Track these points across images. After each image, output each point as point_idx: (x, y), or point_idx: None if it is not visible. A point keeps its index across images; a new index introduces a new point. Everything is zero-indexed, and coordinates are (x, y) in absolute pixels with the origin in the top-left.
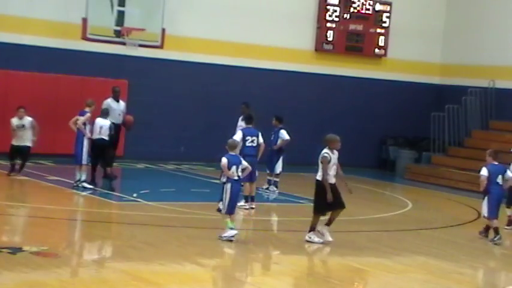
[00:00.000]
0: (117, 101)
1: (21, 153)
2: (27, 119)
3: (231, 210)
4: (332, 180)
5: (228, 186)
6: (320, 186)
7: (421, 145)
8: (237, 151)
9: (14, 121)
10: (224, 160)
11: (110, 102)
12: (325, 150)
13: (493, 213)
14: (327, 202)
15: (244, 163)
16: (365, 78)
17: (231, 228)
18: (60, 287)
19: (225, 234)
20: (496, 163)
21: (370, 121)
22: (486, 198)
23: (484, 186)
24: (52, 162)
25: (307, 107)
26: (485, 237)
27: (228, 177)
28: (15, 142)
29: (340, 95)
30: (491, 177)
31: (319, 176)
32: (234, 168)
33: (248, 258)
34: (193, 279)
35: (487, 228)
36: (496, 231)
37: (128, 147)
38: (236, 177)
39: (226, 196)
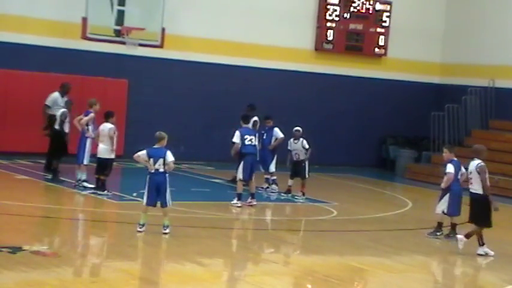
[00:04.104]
0: (62, 97)
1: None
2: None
3: (148, 201)
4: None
5: (147, 178)
6: (486, 199)
7: (421, 144)
8: (163, 144)
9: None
10: (140, 153)
11: (58, 96)
12: (481, 162)
13: (456, 210)
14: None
15: (168, 159)
16: (365, 77)
17: (140, 225)
18: (60, 286)
19: (166, 231)
20: (455, 158)
21: (370, 120)
22: (448, 195)
23: (449, 184)
24: None
25: (307, 107)
26: (454, 237)
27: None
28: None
29: (340, 95)
30: (454, 174)
31: (481, 190)
32: (151, 161)
33: (248, 257)
34: (192, 279)
35: (453, 227)
36: (454, 227)
37: (127, 146)
38: (153, 170)
39: (145, 188)
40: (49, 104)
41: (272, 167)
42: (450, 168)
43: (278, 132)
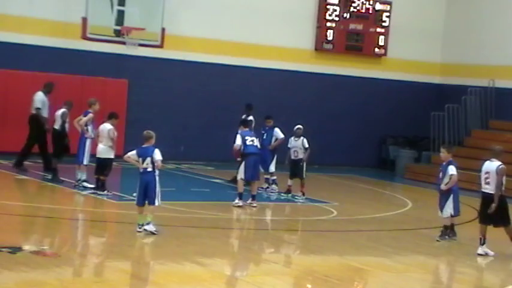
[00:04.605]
0: (46, 96)
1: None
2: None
3: (137, 201)
4: None
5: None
6: (502, 197)
7: (421, 144)
8: (151, 143)
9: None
10: (130, 153)
11: (44, 96)
12: (500, 162)
13: (458, 210)
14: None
15: (156, 157)
16: (365, 77)
17: (140, 225)
18: (60, 287)
19: (145, 228)
20: (452, 159)
21: (370, 121)
22: (452, 196)
23: (452, 186)
24: None
25: (307, 107)
26: (454, 236)
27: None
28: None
29: (340, 95)
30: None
31: (498, 190)
32: (140, 160)
33: (248, 257)
34: (192, 279)
35: (452, 227)
36: (452, 227)
37: (127, 146)
38: (141, 170)
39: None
40: (40, 106)
41: (272, 167)
42: (453, 170)
43: (278, 133)
